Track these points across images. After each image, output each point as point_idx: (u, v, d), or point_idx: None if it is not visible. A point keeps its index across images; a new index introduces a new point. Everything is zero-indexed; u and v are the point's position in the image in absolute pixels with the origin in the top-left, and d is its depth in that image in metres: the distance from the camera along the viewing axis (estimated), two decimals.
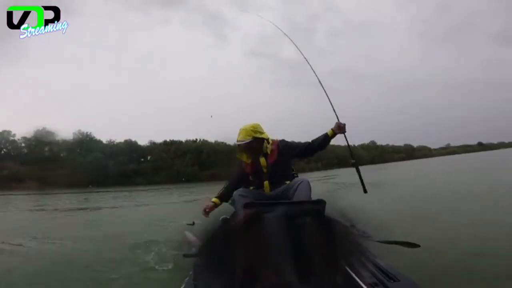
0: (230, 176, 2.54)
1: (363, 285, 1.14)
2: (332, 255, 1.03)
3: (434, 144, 79.04)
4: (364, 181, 2.41)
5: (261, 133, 2.35)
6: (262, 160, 2.37)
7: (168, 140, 40.75)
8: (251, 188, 2.39)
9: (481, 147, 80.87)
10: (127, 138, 39.86)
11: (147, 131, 66.19)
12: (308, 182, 2.30)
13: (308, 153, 2.50)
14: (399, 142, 68.44)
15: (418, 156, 61.04)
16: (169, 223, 5.79)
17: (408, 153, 63.28)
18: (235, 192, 2.36)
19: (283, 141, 2.47)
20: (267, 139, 2.38)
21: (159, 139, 40.87)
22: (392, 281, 1.21)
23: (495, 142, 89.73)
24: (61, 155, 36.16)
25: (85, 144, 37.14)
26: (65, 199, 14.94)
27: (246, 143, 2.29)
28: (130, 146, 38.90)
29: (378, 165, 34.84)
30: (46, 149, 35.57)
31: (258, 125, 2.38)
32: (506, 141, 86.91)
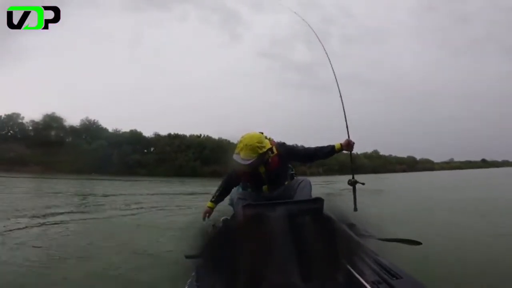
0: (225, 176, 2.41)
1: (365, 283, 1.13)
2: (334, 253, 1.04)
3: (437, 158, 78.33)
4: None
5: (264, 146, 2.12)
6: (262, 169, 2.22)
7: (172, 133, 41.06)
8: (249, 190, 2.35)
9: (485, 164, 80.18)
10: (133, 128, 40.29)
11: (153, 123, 66.66)
12: (309, 182, 2.25)
13: (311, 160, 2.45)
14: (402, 153, 67.61)
15: (420, 169, 60.63)
16: (170, 219, 5.90)
17: (411, 164, 62.89)
18: (234, 194, 2.32)
19: (283, 145, 2.31)
20: (270, 149, 2.20)
21: (164, 132, 41.24)
22: (394, 278, 1.20)
23: (499, 160, 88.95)
24: (67, 140, 36.59)
25: (91, 131, 37.62)
26: (67, 185, 15.19)
27: (250, 162, 2.04)
28: (135, 137, 39.22)
29: (379, 175, 34.82)
30: (53, 133, 35.98)
31: (261, 136, 2.17)
32: (511, 159, 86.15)
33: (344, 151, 2.40)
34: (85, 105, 59.88)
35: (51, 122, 35.95)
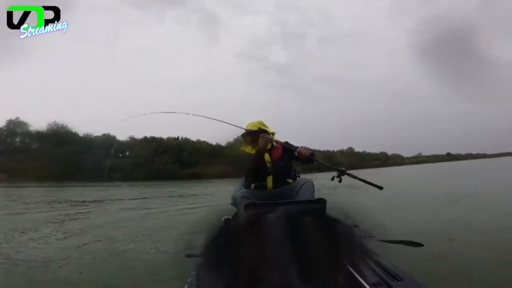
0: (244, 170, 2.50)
1: (366, 284, 1.13)
2: (335, 254, 1.04)
3: (406, 153, 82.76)
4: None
5: (266, 126, 2.50)
6: (266, 155, 2.42)
7: (148, 136, 40.02)
8: (253, 186, 2.41)
9: (450, 157, 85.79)
10: (105, 132, 38.78)
11: (127, 126, 64.33)
12: (312, 183, 2.30)
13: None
14: (375, 149, 71.18)
15: (392, 164, 63.79)
16: (163, 222, 5.85)
17: (383, 160, 65.92)
18: (237, 193, 2.34)
19: (287, 143, 2.50)
20: (272, 133, 2.47)
21: (139, 135, 40.09)
22: (395, 280, 1.19)
23: (463, 153, 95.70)
24: (33, 146, 34.49)
25: (59, 136, 35.60)
26: (36, 193, 14.41)
27: (253, 131, 2.43)
28: (108, 141, 37.75)
29: (356, 171, 35.94)
30: (18, 139, 33.82)
31: (262, 121, 2.56)
32: (474, 152, 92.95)
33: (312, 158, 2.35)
34: (53, 108, 56.78)
35: (15, 128, 33.76)
